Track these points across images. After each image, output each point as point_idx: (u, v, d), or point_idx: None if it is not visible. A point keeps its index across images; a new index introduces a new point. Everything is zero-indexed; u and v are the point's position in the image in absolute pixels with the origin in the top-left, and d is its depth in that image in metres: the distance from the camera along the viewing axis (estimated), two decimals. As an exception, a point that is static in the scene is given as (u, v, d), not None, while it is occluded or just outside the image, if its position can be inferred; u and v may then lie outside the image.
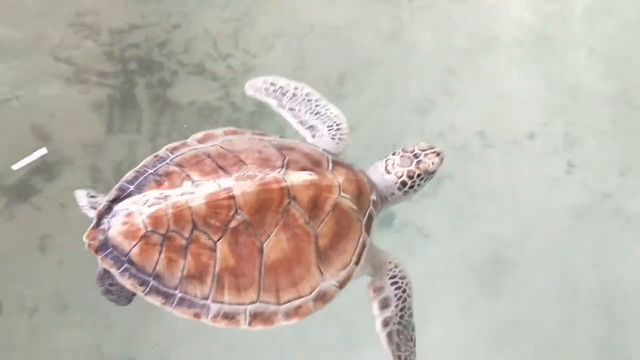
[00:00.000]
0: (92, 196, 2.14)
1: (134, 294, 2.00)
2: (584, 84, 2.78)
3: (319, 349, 2.86)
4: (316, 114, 2.40)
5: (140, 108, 3.28)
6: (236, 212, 1.88)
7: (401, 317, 2.14)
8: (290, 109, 2.43)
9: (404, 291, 2.16)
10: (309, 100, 2.43)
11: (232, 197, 1.88)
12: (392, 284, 2.17)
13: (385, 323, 2.14)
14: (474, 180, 3.26)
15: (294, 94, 2.45)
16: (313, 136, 2.37)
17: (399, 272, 2.19)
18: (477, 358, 2.92)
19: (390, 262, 2.21)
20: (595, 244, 3.10)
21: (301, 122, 2.41)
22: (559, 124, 3.39)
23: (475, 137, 3.37)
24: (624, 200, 3.19)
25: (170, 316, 1.93)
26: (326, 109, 2.41)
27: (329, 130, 2.35)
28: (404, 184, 2.18)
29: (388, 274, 2.19)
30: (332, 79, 3.47)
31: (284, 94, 2.46)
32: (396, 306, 2.15)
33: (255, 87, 2.50)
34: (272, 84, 2.48)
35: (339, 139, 2.32)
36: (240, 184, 1.90)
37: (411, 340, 2.15)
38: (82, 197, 2.14)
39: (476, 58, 3.62)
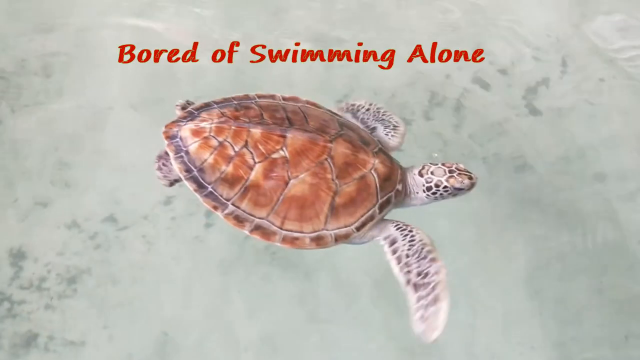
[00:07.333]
0: (189, 103, 2.53)
1: (176, 180, 2.54)
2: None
3: None
4: (380, 120, 2.74)
5: None
6: (281, 148, 2.30)
7: (411, 245, 2.35)
8: (362, 120, 2.76)
9: (410, 231, 2.39)
10: (377, 111, 2.78)
11: (284, 137, 2.31)
12: (398, 229, 2.42)
13: (394, 251, 2.36)
14: (116, 266, 3.20)
15: (368, 109, 2.80)
16: (371, 134, 2.69)
17: (404, 223, 2.44)
18: None
19: (393, 222, 2.47)
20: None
21: (367, 126, 2.73)
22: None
23: (106, 223, 3.30)
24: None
25: None
26: (390, 117, 2.75)
27: (385, 128, 2.69)
28: (428, 189, 2.48)
29: (393, 226, 2.44)
30: None
31: (359, 109, 2.80)
32: (403, 239, 2.37)
33: (344, 108, 2.84)
34: (352, 104, 2.84)
35: (392, 136, 2.67)
36: (295, 132, 2.33)
37: (425, 258, 2.30)
38: (180, 102, 2.53)
39: (90, 137, 3.53)
